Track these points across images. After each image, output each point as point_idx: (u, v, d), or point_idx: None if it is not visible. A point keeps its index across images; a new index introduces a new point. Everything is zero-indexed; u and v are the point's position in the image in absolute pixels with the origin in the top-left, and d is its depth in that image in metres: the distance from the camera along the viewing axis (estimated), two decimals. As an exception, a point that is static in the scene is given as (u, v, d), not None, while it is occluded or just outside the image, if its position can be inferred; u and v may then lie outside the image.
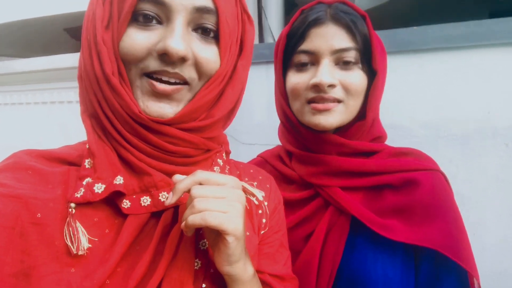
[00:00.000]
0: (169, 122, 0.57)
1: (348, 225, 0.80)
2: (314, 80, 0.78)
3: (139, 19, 0.54)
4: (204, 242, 0.59)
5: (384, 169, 0.82)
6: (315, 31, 0.79)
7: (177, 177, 0.54)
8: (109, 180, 0.54)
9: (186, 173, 0.59)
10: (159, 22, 0.54)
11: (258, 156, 1.04)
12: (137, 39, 0.54)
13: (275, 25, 1.83)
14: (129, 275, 0.50)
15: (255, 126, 1.59)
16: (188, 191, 0.52)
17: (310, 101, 0.81)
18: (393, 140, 0.94)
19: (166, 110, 0.56)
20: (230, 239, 0.51)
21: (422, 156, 0.87)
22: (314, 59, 0.80)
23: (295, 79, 0.82)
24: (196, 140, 0.59)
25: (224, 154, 0.70)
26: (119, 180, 0.55)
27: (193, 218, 0.49)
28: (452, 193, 0.81)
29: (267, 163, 0.97)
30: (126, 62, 0.55)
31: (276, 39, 1.88)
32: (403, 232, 0.75)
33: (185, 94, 0.57)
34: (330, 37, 0.78)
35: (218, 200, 0.51)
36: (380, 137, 0.89)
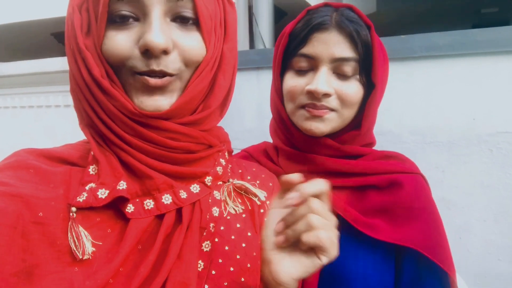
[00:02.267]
0: (166, 116, 0.56)
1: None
2: (310, 87, 0.77)
3: (116, 20, 0.53)
4: (207, 244, 0.58)
5: (370, 171, 0.83)
6: (317, 36, 0.78)
7: (292, 177, 0.55)
8: (113, 185, 0.54)
9: (189, 173, 0.60)
10: (136, 19, 0.54)
11: (242, 150, 1.02)
12: (118, 40, 0.53)
13: (265, 32, 1.85)
14: (133, 275, 0.50)
15: (245, 132, 1.60)
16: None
17: (304, 106, 0.81)
18: (382, 146, 0.95)
19: (161, 102, 0.56)
20: (324, 260, 0.52)
21: (404, 159, 0.89)
22: (313, 64, 0.80)
23: (292, 81, 0.82)
24: (196, 133, 0.59)
25: (226, 153, 0.69)
26: (122, 185, 0.54)
27: (308, 236, 0.51)
28: (431, 195, 0.83)
29: (252, 157, 0.96)
30: (113, 64, 0.55)
31: (267, 45, 1.91)
32: (386, 232, 0.76)
33: (176, 84, 0.57)
34: (332, 45, 0.77)
35: (327, 222, 0.52)
36: (370, 143, 0.90)
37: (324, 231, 0.51)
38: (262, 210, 0.68)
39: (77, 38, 0.55)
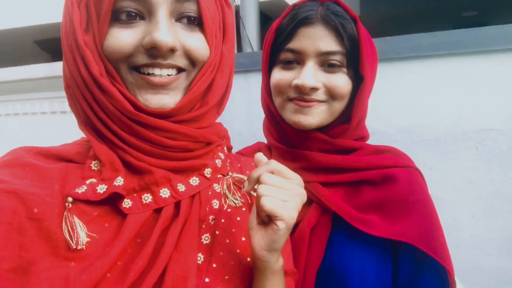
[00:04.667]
0: (169, 114, 0.57)
1: (330, 221, 0.81)
2: (297, 82, 0.78)
3: (122, 17, 0.54)
4: (207, 237, 0.59)
5: (363, 166, 0.83)
6: (303, 31, 0.78)
7: (259, 156, 0.58)
8: (110, 181, 0.54)
9: (188, 166, 0.60)
10: (142, 18, 0.54)
11: (237, 153, 1.02)
12: (122, 37, 0.53)
13: (252, 36, 1.86)
14: (129, 268, 0.50)
15: (235, 135, 1.59)
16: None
17: (292, 99, 0.82)
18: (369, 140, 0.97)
19: (166, 100, 0.56)
20: (280, 225, 0.53)
21: (398, 153, 0.89)
22: (300, 59, 0.80)
23: (279, 75, 0.83)
24: (193, 132, 0.60)
25: (225, 148, 0.70)
26: (119, 181, 0.55)
27: (256, 205, 0.54)
28: (427, 188, 0.83)
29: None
30: (113, 61, 0.55)
31: (254, 48, 1.92)
32: (381, 227, 0.76)
33: (182, 82, 0.58)
34: (317, 39, 0.77)
35: (281, 189, 0.54)
36: (363, 137, 0.90)
37: (271, 197, 0.53)
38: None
39: (76, 34, 0.54)
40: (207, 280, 0.55)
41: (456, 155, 1.38)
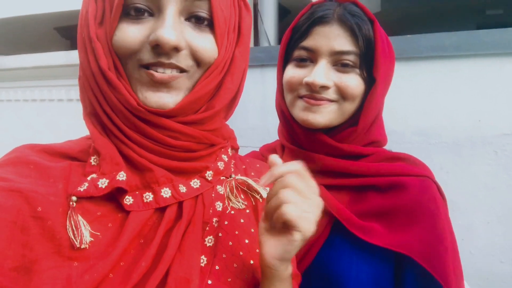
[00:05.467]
0: (169, 114, 0.56)
1: (330, 225, 0.79)
2: (308, 79, 0.78)
3: (131, 12, 0.53)
4: (210, 239, 0.58)
5: (371, 172, 0.81)
6: (318, 29, 0.78)
7: (273, 157, 0.55)
8: (113, 175, 0.54)
9: (189, 167, 0.59)
10: (151, 14, 0.54)
11: (260, 149, 1.03)
12: (129, 33, 0.53)
13: (270, 30, 1.84)
14: (132, 269, 0.50)
15: (249, 129, 1.59)
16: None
17: (302, 97, 0.81)
18: (386, 145, 0.95)
19: (166, 100, 0.55)
20: (298, 236, 0.51)
21: (415, 162, 0.85)
22: (313, 57, 0.80)
23: (292, 72, 0.82)
24: (197, 133, 0.58)
25: (229, 150, 0.69)
26: (122, 176, 0.54)
27: (277, 212, 0.52)
28: (442, 201, 0.79)
29: (262, 156, 0.97)
30: (121, 56, 0.55)
31: (271, 43, 1.90)
32: (382, 236, 0.74)
33: (184, 82, 0.56)
34: (332, 38, 0.77)
35: (304, 198, 0.52)
36: (377, 141, 0.88)
37: (294, 205, 0.51)
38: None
39: (90, 27, 0.54)
40: (209, 282, 0.55)
41: (474, 160, 1.35)
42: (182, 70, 0.56)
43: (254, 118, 1.61)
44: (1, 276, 0.45)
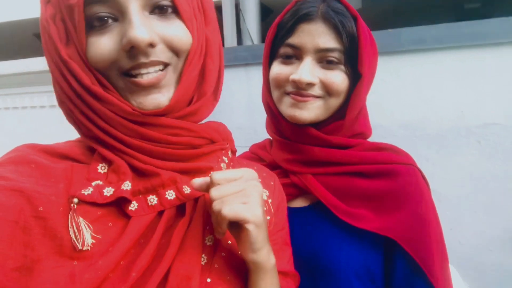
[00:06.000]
0: (167, 111, 0.56)
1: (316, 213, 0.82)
2: (294, 77, 0.79)
3: (95, 24, 0.52)
4: (210, 238, 0.59)
5: (358, 160, 0.83)
6: (303, 27, 0.79)
7: (195, 182, 0.55)
8: (118, 184, 0.54)
9: (194, 168, 0.60)
10: (115, 20, 0.53)
11: (250, 148, 1.05)
12: (101, 45, 0.52)
13: (253, 29, 1.84)
14: (132, 267, 0.50)
15: (235, 129, 1.57)
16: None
17: (289, 93, 0.83)
18: (373, 139, 0.96)
19: (160, 99, 0.55)
20: (250, 227, 0.52)
21: (398, 151, 0.88)
22: (299, 54, 0.81)
23: (278, 69, 0.84)
24: (195, 127, 0.59)
25: (229, 152, 0.69)
26: (127, 185, 0.54)
27: (215, 220, 0.53)
28: (427, 189, 0.82)
29: (254, 154, 0.99)
30: (101, 70, 0.54)
31: (255, 41, 1.90)
32: (369, 221, 0.77)
33: (170, 77, 0.56)
34: (317, 35, 0.78)
35: (234, 195, 0.52)
36: (362, 133, 0.90)
37: (227, 205, 0.51)
38: (265, 208, 0.68)
39: (59, 49, 0.53)
40: (209, 280, 0.55)
41: (459, 150, 1.37)
42: (164, 65, 0.55)
43: (240, 117, 1.61)
44: (3, 276, 0.45)
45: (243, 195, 0.53)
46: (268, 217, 0.68)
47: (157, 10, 0.54)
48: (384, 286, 0.79)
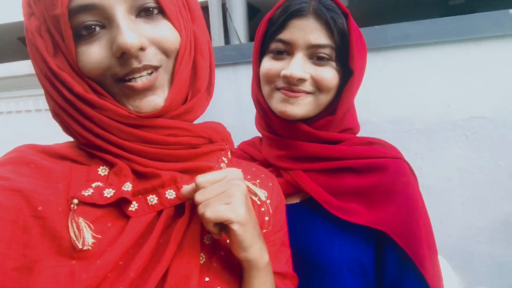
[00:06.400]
0: (162, 112, 0.56)
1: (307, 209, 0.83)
2: (285, 72, 0.79)
3: (83, 32, 0.52)
4: (209, 237, 0.59)
5: (348, 155, 0.84)
6: (295, 22, 0.79)
7: (183, 190, 0.56)
8: (119, 185, 0.54)
9: (194, 167, 0.60)
10: (102, 27, 0.53)
11: (238, 146, 1.04)
12: (92, 53, 0.52)
13: (240, 28, 1.84)
14: (130, 266, 0.50)
15: (224, 128, 1.59)
16: None
17: (280, 89, 0.83)
18: (362, 135, 0.96)
19: (156, 100, 0.56)
20: (234, 226, 0.52)
21: (387, 145, 0.89)
22: (290, 50, 0.81)
23: (269, 65, 0.83)
24: (192, 126, 0.59)
25: (229, 153, 0.69)
26: (127, 186, 0.54)
27: (203, 222, 0.54)
28: (415, 182, 0.83)
29: (243, 151, 0.98)
30: (94, 78, 0.54)
31: (242, 41, 1.90)
32: (360, 215, 0.77)
33: (162, 78, 0.57)
34: (308, 31, 0.78)
35: (217, 196, 0.53)
36: (351, 128, 0.91)
37: (209, 207, 0.52)
38: (263, 209, 0.68)
39: (48, 62, 0.53)
40: (207, 279, 0.56)
41: (446, 144, 1.38)
42: (156, 68, 0.55)
43: (229, 117, 1.60)
44: (3, 276, 0.45)
45: (225, 196, 0.53)
46: (267, 218, 0.68)
47: (143, 12, 0.54)
48: (376, 279, 0.80)
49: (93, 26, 0.52)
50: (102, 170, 0.56)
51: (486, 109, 1.34)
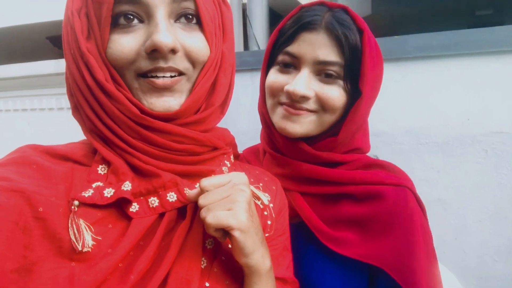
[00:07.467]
0: (175, 116, 0.57)
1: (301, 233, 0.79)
2: (288, 88, 0.76)
3: (120, 21, 0.54)
4: (211, 241, 0.59)
5: (347, 180, 0.79)
6: (304, 36, 0.76)
7: (188, 193, 0.56)
8: (118, 185, 0.55)
9: (196, 171, 0.61)
10: (141, 21, 0.55)
11: (242, 152, 1.02)
12: (124, 43, 0.54)
13: (259, 34, 1.84)
14: (131, 270, 0.50)
15: (240, 134, 1.57)
16: None
17: (283, 104, 0.80)
18: (377, 147, 0.94)
19: (171, 102, 0.57)
20: (235, 233, 0.52)
21: (394, 170, 0.82)
22: (297, 64, 0.78)
23: (274, 77, 0.80)
24: (200, 136, 0.60)
25: (232, 156, 0.70)
26: (127, 186, 0.55)
27: (205, 227, 0.53)
28: (418, 212, 0.76)
29: (245, 158, 0.96)
30: (118, 68, 0.55)
31: (261, 47, 1.90)
32: (354, 247, 0.73)
33: (184, 84, 0.58)
34: (317, 47, 0.74)
35: (220, 201, 0.53)
36: (359, 149, 0.85)
37: (211, 213, 0.52)
38: (266, 213, 0.68)
39: (79, 42, 0.55)
40: (207, 284, 0.56)
41: (464, 159, 1.35)
42: (180, 73, 0.57)
43: (245, 122, 1.61)
44: (2, 278, 0.45)
45: (228, 201, 0.53)
46: (269, 222, 0.68)
47: (182, 19, 0.57)
48: None
49: (132, 17, 0.54)
50: (102, 169, 0.57)
51: (507, 124, 1.29)
